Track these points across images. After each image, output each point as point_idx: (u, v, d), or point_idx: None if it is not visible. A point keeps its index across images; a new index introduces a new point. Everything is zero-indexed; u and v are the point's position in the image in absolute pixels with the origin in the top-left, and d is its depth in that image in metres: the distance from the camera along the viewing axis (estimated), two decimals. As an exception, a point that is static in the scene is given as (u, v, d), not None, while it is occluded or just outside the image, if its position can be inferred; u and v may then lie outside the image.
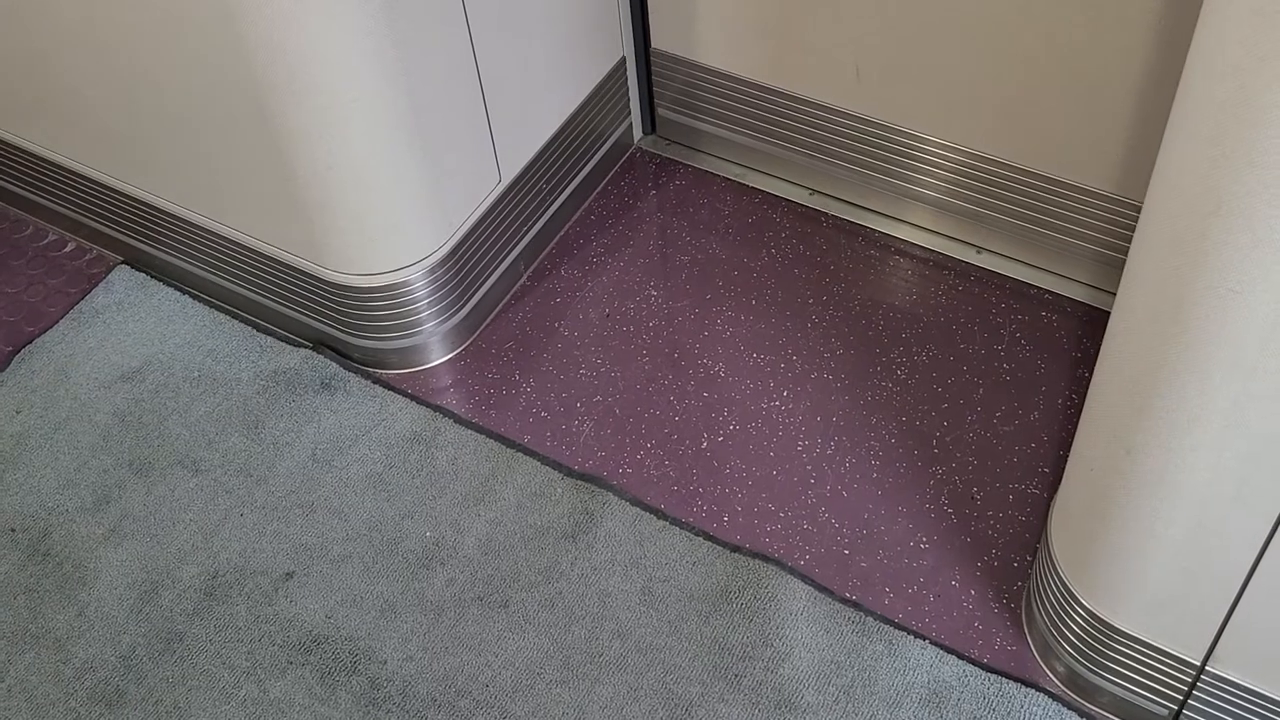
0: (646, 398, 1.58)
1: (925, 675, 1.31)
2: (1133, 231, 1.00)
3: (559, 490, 1.49)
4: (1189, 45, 0.86)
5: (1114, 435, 1.06)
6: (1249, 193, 0.81)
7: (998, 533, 1.43)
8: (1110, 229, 1.56)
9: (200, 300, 1.73)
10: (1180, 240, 0.88)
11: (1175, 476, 1.01)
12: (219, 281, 1.71)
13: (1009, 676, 1.31)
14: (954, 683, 1.30)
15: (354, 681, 1.35)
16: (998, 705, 1.28)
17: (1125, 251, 1.17)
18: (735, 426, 1.54)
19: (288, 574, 1.44)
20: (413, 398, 1.59)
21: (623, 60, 1.78)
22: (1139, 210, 0.97)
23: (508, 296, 1.71)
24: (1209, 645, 1.14)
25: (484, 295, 1.67)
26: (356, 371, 1.63)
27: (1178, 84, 0.87)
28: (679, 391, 1.58)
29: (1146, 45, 1.36)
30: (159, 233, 1.71)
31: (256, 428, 1.58)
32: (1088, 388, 1.13)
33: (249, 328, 1.69)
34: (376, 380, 1.62)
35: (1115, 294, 1.04)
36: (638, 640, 1.36)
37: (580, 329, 1.67)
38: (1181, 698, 1.21)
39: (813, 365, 1.60)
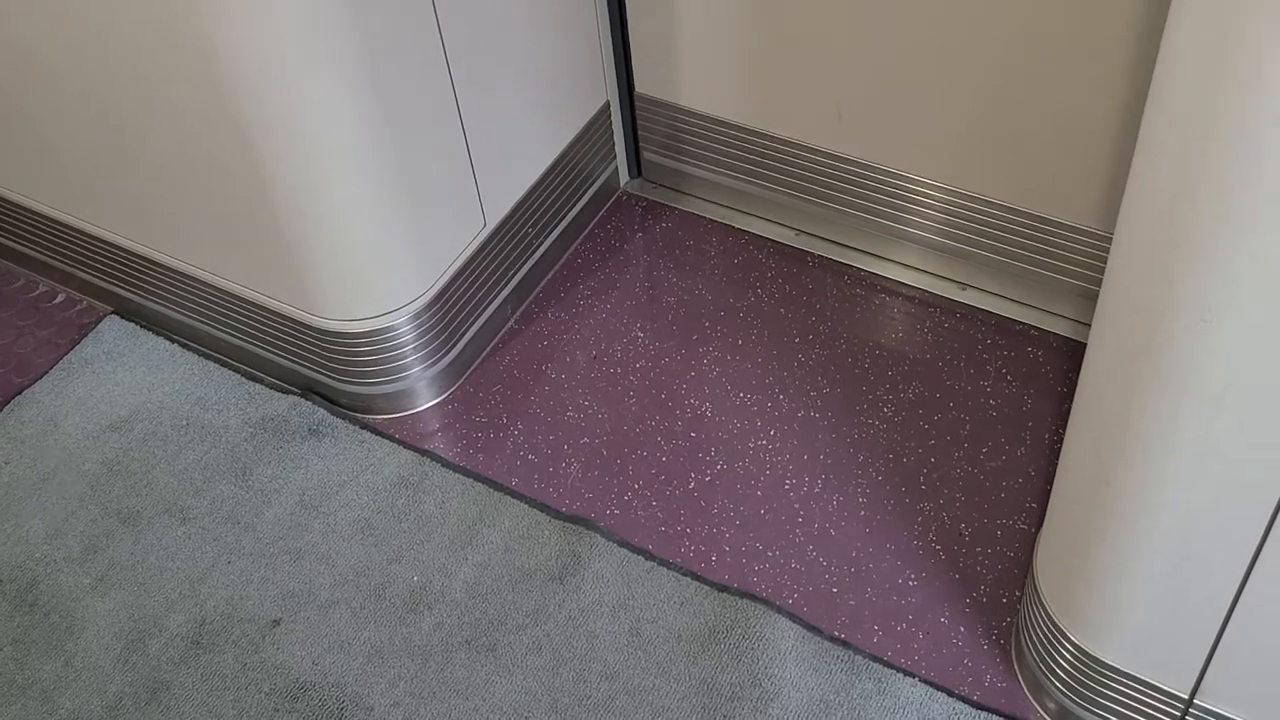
0: (634, 439, 1.58)
1: (915, 713, 1.30)
2: (1109, 265, 1.00)
3: (546, 532, 1.48)
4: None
5: (1094, 468, 1.06)
6: (1213, 223, 0.82)
7: (986, 568, 1.42)
8: (1094, 264, 1.57)
9: (189, 349, 1.73)
10: (1147, 272, 0.88)
11: (1154, 509, 1.01)
12: (207, 329, 1.72)
13: (1000, 714, 1.30)
14: (944, 721, 1.29)
15: (341, 728, 1.34)
16: (988, 743, 1.27)
17: (1104, 285, 1.17)
18: (722, 466, 1.54)
19: (275, 621, 1.43)
20: (400, 442, 1.60)
21: (607, 105, 1.79)
22: (1114, 244, 0.98)
23: (495, 340, 1.72)
24: (1196, 678, 1.13)
25: (471, 339, 1.67)
26: (344, 417, 1.63)
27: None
28: (666, 432, 1.59)
29: (1127, 83, 1.37)
30: (148, 282, 1.72)
31: (244, 475, 1.58)
32: (1068, 421, 1.14)
33: (237, 375, 1.69)
34: (364, 425, 1.62)
35: (1093, 327, 1.04)
36: (626, 681, 1.35)
37: (567, 371, 1.67)
38: (1172, 732, 1.20)
39: (799, 404, 1.60)
